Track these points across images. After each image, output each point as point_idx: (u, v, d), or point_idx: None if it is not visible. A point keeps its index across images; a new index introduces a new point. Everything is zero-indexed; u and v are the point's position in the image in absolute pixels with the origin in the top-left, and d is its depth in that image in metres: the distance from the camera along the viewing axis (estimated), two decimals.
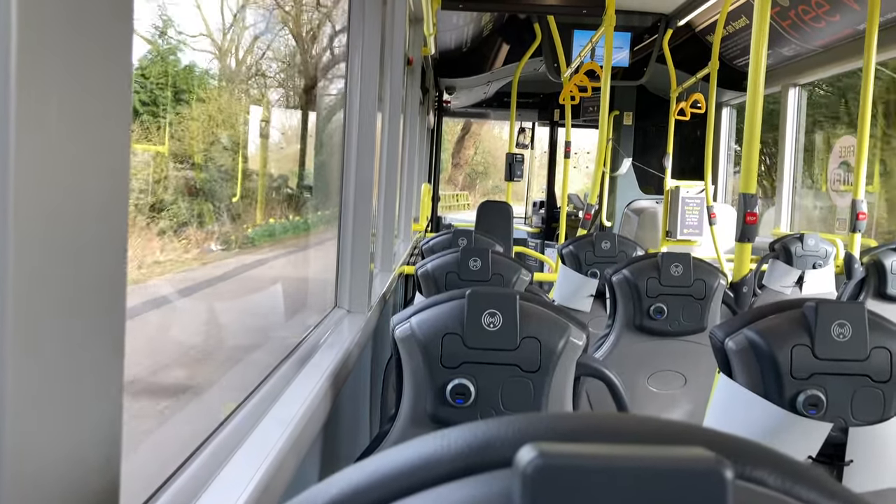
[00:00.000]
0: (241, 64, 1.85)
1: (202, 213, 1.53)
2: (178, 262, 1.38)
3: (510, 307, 1.32)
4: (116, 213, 0.50)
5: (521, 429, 0.36)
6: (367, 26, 2.11)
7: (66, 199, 0.44)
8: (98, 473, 0.49)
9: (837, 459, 1.32)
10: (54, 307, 0.43)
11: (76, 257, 0.45)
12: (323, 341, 1.69)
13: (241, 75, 1.91)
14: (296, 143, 2.33)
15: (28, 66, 0.40)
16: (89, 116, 0.46)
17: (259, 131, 1.95)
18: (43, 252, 0.42)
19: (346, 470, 0.39)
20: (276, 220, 2.14)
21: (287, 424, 1.11)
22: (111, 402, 0.50)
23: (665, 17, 5.63)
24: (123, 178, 0.50)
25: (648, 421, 0.37)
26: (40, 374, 0.42)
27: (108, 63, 0.48)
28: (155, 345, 1.36)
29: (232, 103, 1.82)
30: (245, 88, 1.98)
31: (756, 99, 2.46)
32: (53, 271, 0.43)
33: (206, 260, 1.57)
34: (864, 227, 3.66)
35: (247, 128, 1.88)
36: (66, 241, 0.44)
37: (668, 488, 0.31)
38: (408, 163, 4.88)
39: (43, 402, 0.43)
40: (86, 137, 0.46)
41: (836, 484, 0.37)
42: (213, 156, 1.65)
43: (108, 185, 0.49)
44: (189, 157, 1.51)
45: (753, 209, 2.46)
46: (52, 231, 0.43)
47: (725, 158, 6.65)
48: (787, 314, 1.38)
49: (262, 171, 2.00)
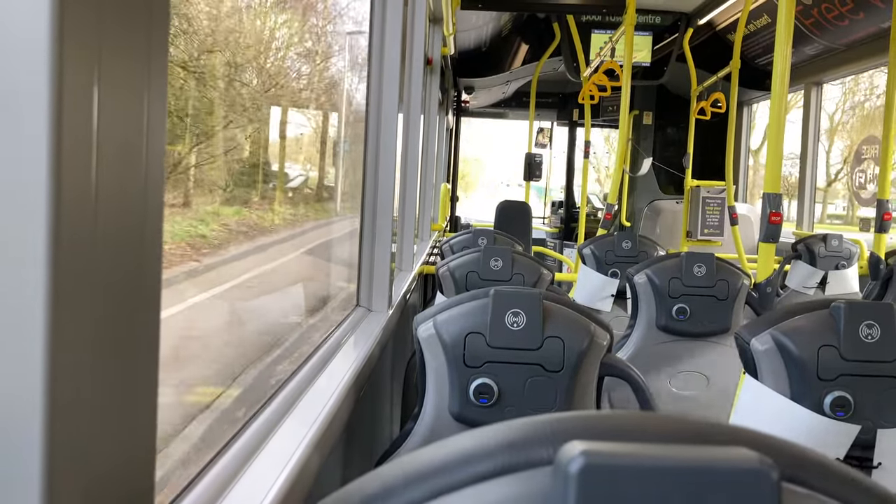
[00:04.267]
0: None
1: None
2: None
3: (534, 307, 1.32)
4: (153, 214, 0.50)
5: (561, 427, 0.36)
6: (388, 27, 2.12)
7: (102, 200, 0.44)
8: (135, 472, 0.49)
9: (865, 462, 1.31)
10: (90, 307, 0.44)
11: (112, 258, 0.45)
12: (345, 340, 1.69)
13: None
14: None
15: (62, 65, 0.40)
16: (122, 115, 0.46)
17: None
18: (80, 253, 0.42)
19: (381, 468, 0.38)
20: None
21: (310, 424, 1.12)
22: (147, 401, 0.51)
23: (685, 15, 5.59)
24: (159, 179, 0.51)
25: (689, 420, 0.37)
26: (77, 374, 0.42)
27: (141, 66, 0.48)
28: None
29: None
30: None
31: (781, 98, 2.44)
32: (90, 272, 0.43)
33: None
34: (889, 228, 3.61)
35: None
36: (101, 243, 0.44)
37: (712, 488, 0.30)
38: (427, 163, 4.89)
39: (81, 401, 0.43)
40: (122, 133, 0.46)
41: (882, 487, 0.37)
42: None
43: (143, 187, 0.49)
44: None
45: (778, 209, 2.43)
46: (88, 232, 0.43)
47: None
48: (815, 315, 1.37)
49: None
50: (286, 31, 1.91)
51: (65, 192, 0.40)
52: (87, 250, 0.43)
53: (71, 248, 0.41)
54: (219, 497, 0.86)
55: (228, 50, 1.47)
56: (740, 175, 6.57)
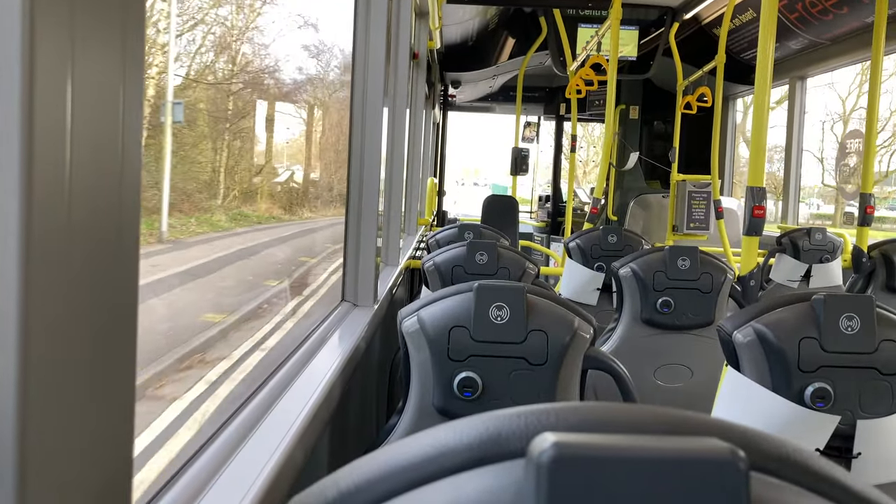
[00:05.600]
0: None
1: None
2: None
3: (518, 300, 1.32)
4: (129, 209, 0.50)
5: (534, 419, 0.36)
6: (372, 20, 2.11)
7: (76, 195, 0.44)
8: (112, 469, 0.49)
9: (845, 452, 1.32)
10: (64, 304, 0.43)
11: (87, 254, 0.45)
12: (330, 335, 1.69)
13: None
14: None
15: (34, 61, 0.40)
16: (97, 109, 0.46)
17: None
18: (53, 249, 0.42)
19: (356, 462, 0.39)
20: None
21: (294, 419, 1.12)
22: (124, 398, 0.50)
23: (671, 9, 5.60)
24: (135, 172, 0.50)
25: (661, 412, 0.37)
26: (52, 371, 0.42)
27: (117, 59, 0.48)
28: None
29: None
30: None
31: (764, 93, 2.45)
32: (64, 268, 0.43)
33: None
34: (872, 221, 3.64)
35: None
36: (76, 239, 0.44)
37: (682, 479, 0.31)
38: (413, 157, 4.88)
39: (57, 398, 0.43)
40: (97, 127, 0.46)
41: (853, 478, 0.37)
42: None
43: (120, 180, 0.49)
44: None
45: (761, 203, 2.45)
46: (65, 228, 0.43)
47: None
48: (796, 307, 1.38)
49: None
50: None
51: (37, 189, 0.40)
52: (61, 246, 0.42)
53: (44, 244, 0.41)
54: (201, 492, 0.86)
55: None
56: (726, 169, 6.59)
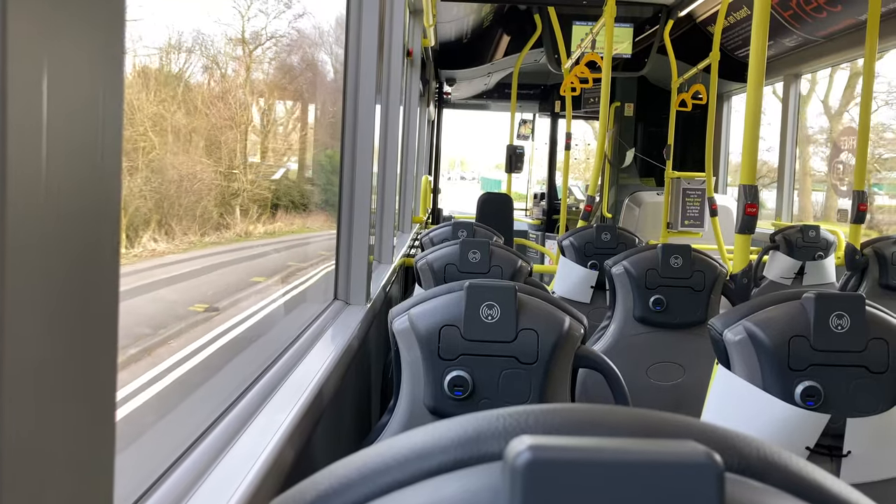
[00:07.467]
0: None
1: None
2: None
3: (508, 299, 1.32)
4: (109, 208, 0.49)
5: (512, 422, 0.36)
6: (364, 17, 2.10)
7: (52, 196, 0.43)
8: (93, 470, 0.48)
9: (835, 450, 1.32)
10: (44, 301, 0.43)
11: (68, 250, 0.45)
12: (322, 333, 1.69)
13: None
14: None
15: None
16: (74, 106, 0.46)
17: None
18: (34, 244, 0.42)
19: (336, 464, 0.38)
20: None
21: (285, 416, 1.11)
22: (105, 398, 0.50)
23: (666, 7, 5.60)
24: (115, 173, 0.50)
25: (640, 414, 0.37)
26: (29, 371, 0.42)
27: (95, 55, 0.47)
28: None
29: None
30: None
31: (757, 90, 2.45)
32: (43, 266, 0.43)
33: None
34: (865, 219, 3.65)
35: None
36: (56, 238, 0.44)
37: (658, 482, 0.31)
38: (408, 155, 4.87)
39: (36, 397, 0.42)
40: (74, 125, 0.45)
41: (836, 480, 0.37)
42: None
43: (101, 177, 0.48)
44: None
45: (754, 200, 2.45)
46: (44, 223, 0.42)
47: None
48: (786, 305, 1.38)
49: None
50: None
51: (11, 186, 0.39)
52: (39, 243, 0.42)
53: (20, 242, 0.40)
54: (188, 492, 0.86)
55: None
56: (720, 166, 6.60)
